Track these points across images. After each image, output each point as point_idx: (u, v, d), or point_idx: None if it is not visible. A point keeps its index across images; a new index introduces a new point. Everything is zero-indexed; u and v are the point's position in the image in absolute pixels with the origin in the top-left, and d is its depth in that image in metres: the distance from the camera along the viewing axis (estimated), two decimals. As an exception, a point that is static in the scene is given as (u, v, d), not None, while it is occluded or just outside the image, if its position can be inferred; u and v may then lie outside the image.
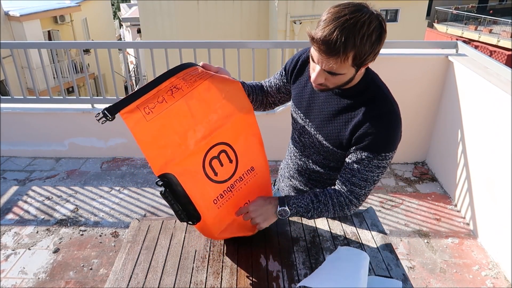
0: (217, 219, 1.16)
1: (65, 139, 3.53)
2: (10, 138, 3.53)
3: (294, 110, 1.30)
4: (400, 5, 12.44)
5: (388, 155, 1.11)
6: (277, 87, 1.36)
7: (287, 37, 9.75)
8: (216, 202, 1.14)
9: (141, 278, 1.14)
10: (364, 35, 0.95)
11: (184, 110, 1.04)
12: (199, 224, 1.15)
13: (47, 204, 2.94)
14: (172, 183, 1.06)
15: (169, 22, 10.28)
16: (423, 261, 2.44)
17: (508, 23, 17.82)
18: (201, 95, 1.06)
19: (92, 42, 4.60)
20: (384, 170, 1.14)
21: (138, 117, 0.99)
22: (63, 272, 2.33)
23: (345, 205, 1.16)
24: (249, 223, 1.21)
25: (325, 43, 0.95)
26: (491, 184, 2.52)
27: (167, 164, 1.04)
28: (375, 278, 1.12)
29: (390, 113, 1.09)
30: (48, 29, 13.43)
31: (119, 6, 28.04)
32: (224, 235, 1.23)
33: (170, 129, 1.03)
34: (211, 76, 1.09)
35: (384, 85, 1.15)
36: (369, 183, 1.14)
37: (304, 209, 1.16)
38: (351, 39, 0.94)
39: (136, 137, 1.00)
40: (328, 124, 1.17)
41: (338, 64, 0.99)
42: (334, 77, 1.04)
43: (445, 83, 3.16)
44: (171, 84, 1.04)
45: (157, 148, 1.03)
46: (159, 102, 1.01)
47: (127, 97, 1.00)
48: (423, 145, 3.48)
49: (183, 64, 1.09)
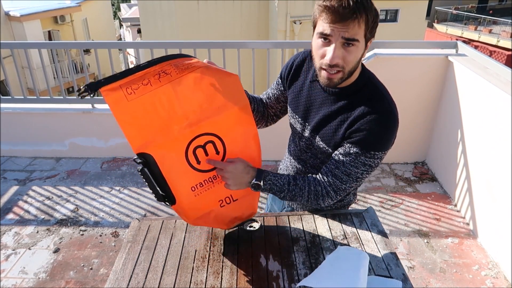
0: (193, 205, 1.16)
1: (65, 139, 3.53)
2: (10, 138, 3.53)
3: (292, 115, 1.29)
4: (400, 5, 12.44)
5: (377, 155, 1.09)
6: (276, 97, 1.35)
7: (287, 37, 9.75)
8: (194, 190, 1.14)
9: (141, 277, 1.14)
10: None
11: (170, 95, 1.03)
12: (174, 206, 1.15)
13: (47, 204, 2.94)
14: (149, 163, 1.06)
15: (169, 22, 10.29)
16: (423, 261, 2.44)
17: (508, 23, 17.82)
18: (190, 83, 1.05)
19: (92, 42, 4.60)
20: (370, 170, 1.12)
21: (119, 96, 0.99)
22: (63, 272, 2.33)
23: (320, 195, 1.16)
24: (227, 217, 1.23)
25: (341, 5, 0.96)
26: (491, 184, 2.52)
27: (146, 144, 1.04)
28: (375, 278, 1.12)
29: (387, 113, 1.09)
30: (48, 29, 13.44)
31: (119, 6, 28.04)
32: (199, 223, 1.23)
33: (152, 112, 1.02)
34: (206, 67, 1.08)
35: (382, 85, 1.15)
36: (351, 178, 1.12)
37: (279, 188, 1.16)
38: (360, 0, 0.98)
39: (115, 115, 1.00)
40: (324, 125, 1.17)
41: (356, 28, 0.99)
42: (350, 52, 1.03)
43: (445, 83, 3.16)
44: (161, 68, 1.03)
45: (137, 129, 1.03)
46: (143, 84, 1.01)
47: (112, 75, 1.00)
48: (423, 145, 3.48)
49: (180, 53, 1.08)
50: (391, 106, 1.10)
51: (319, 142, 1.19)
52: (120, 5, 25.77)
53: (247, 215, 1.29)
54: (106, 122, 3.43)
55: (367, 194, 3.09)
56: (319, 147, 1.20)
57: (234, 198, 1.22)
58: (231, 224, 1.27)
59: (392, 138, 1.11)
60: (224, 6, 10.07)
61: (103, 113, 3.39)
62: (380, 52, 3.06)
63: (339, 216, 1.38)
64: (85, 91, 0.99)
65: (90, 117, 3.41)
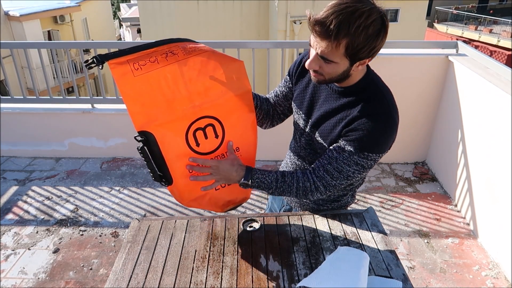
0: (189, 187, 1.17)
1: (65, 139, 3.53)
2: (10, 138, 3.53)
3: (296, 111, 1.30)
4: (400, 5, 12.44)
5: (371, 156, 1.09)
6: (284, 94, 1.35)
7: (287, 37, 9.75)
8: (191, 171, 1.15)
9: (141, 278, 1.14)
10: (360, 26, 0.95)
11: (175, 74, 1.03)
12: (170, 187, 1.16)
13: (47, 204, 2.94)
14: (150, 141, 1.06)
15: (169, 22, 10.29)
16: (423, 261, 2.44)
17: (508, 23, 17.82)
18: (196, 65, 1.05)
19: (92, 42, 4.60)
20: (363, 170, 1.12)
21: (125, 70, 0.99)
22: (63, 272, 2.33)
23: (309, 191, 1.16)
24: (220, 200, 1.24)
25: (319, 23, 0.96)
26: (491, 184, 2.52)
27: (149, 123, 1.04)
28: (375, 278, 1.12)
29: (385, 116, 1.08)
30: (48, 29, 13.43)
31: (119, 6, 28.04)
32: (193, 205, 1.25)
33: (157, 90, 1.03)
34: (213, 51, 1.09)
35: (385, 88, 1.14)
36: (342, 175, 1.12)
37: (267, 185, 1.17)
38: (345, 25, 0.95)
39: (120, 89, 1.00)
40: (324, 121, 1.18)
41: (330, 49, 0.99)
42: (327, 65, 1.04)
43: (445, 83, 3.16)
44: (168, 48, 1.04)
45: (141, 105, 1.03)
46: (151, 62, 1.01)
47: (121, 50, 1.01)
48: (423, 145, 3.48)
49: (187, 38, 1.10)
50: (391, 109, 1.10)
51: (318, 137, 1.20)
52: (120, 5, 25.78)
53: (240, 199, 1.31)
54: (106, 122, 3.43)
55: (367, 194, 3.09)
56: (318, 142, 1.21)
57: None
58: (224, 207, 1.28)
59: (389, 142, 1.10)
60: (224, 6, 10.07)
61: (102, 113, 3.39)
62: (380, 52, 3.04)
63: (339, 216, 1.38)
64: (93, 63, 0.99)
65: (90, 117, 3.41)
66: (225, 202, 1.27)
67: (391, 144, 1.12)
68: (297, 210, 1.44)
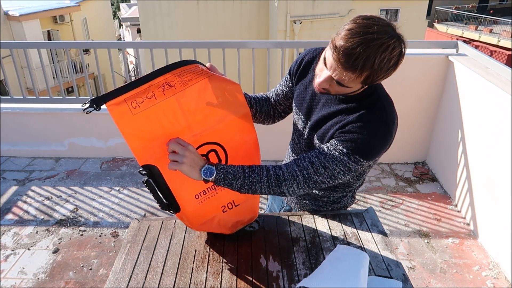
0: (197, 213, 1.18)
1: (65, 139, 3.53)
2: (10, 138, 3.52)
3: (295, 111, 1.30)
4: (400, 5, 12.44)
5: (360, 161, 1.08)
6: (284, 93, 1.34)
7: (287, 37, 9.73)
8: (198, 198, 1.15)
9: (141, 278, 1.14)
10: (384, 59, 0.94)
11: (174, 107, 1.03)
12: (178, 214, 1.16)
13: (47, 204, 2.94)
14: (154, 173, 1.07)
15: (169, 22, 10.27)
16: (423, 261, 2.44)
17: (508, 23, 17.82)
18: (194, 95, 1.05)
19: (92, 42, 4.60)
20: (348, 172, 1.10)
21: (123, 110, 0.99)
22: (63, 272, 2.32)
23: (282, 180, 1.08)
24: (229, 221, 1.23)
25: (347, 55, 0.94)
26: (491, 184, 2.51)
27: (151, 156, 1.05)
28: (375, 278, 1.12)
29: (381, 124, 1.08)
30: (47, 29, 13.42)
31: (119, 6, 28.03)
32: (203, 229, 1.25)
33: (157, 124, 1.03)
34: (209, 76, 1.08)
35: (387, 98, 1.14)
36: (327, 172, 1.08)
37: (233, 175, 1.06)
38: (371, 60, 0.93)
39: (120, 129, 1.00)
40: (322, 125, 1.18)
41: (351, 79, 0.98)
42: (339, 87, 1.04)
43: (445, 83, 3.16)
44: (165, 80, 1.03)
45: (142, 141, 1.03)
46: (148, 98, 1.01)
47: (117, 89, 1.00)
48: (423, 145, 3.48)
49: (183, 60, 1.08)
50: (388, 118, 1.09)
51: (316, 140, 1.20)
52: (120, 5, 25.75)
53: (249, 218, 1.30)
54: (106, 122, 3.43)
55: (367, 194, 3.09)
56: (315, 144, 1.21)
57: (236, 204, 1.23)
58: (233, 228, 1.28)
59: (380, 150, 1.09)
60: (224, 6, 10.05)
61: (102, 113, 3.37)
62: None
63: (339, 216, 1.37)
64: (91, 106, 0.98)
65: (90, 117, 3.41)
66: (233, 223, 1.27)
67: (382, 153, 1.11)
68: (297, 211, 1.43)
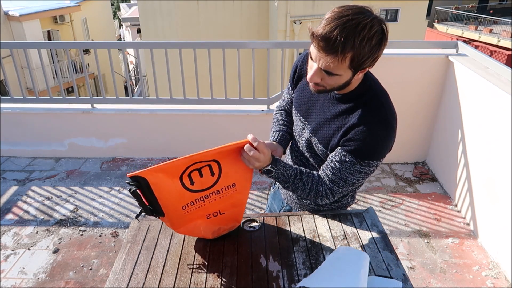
0: (181, 219, 1.18)
1: (65, 139, 3.53)
2: (10, 138, 3.52)
3: (295, 113, 1.31)
4: (400, 5, 12.45)
5: (372, 163, 1.11)
6: (291, 101, 1.38)
7: (287, 37, 9.74)
8: (185, 208, 1.15)
9: (141, 278, 1.14)
10: (364, 38, 0.95)
11: None
12: (162, 218, 1.16)
13: (47, 204, 2.94)
14: (142, 185, 1.06)
15: (169, 22, 10.27)
16: (423, 261, 2.44)
17: (508, 23, 17.83)
18: None
19: (92, 42, 4.60)
20: (366, 176, 1.15)
21: None
22: (63, 272, 2.32)
23: (320, 195, 1.19)
24: (212, 228, 1.23)
25: (325, 39, 0.96)
26: (491, 184, 2.51)
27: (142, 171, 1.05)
28: (375, 278, 1.12)
29: (382, 122, 1.09)
30: (47, 29, 13.42)
31: (119, 6, 28.04)
32: (185, 232, 1.25)
33: None
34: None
35: (383, 92, 1.14)
36: (348, 184, 1.15)
37: (285, 179, 1.17)
38: (350, 39, 0.94)
39: None
40: (323, 127, 1.18)
41: (336, 63, 0.99)
42: (330, 77, 1.04)
43: (445, 83, 3.16)
44: None
45: None
46: None
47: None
48: (423, 145, 3.48)
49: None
50: (388, 114, 1.10)
51: (317, 144, 1.21)
52: (120, 5, 25.76)
53: (231, 226, 1.29)
54: (106, 122, 3.43)
55: (367, 194, 3.09)
56: (317, 148, 1.22)
57: (222, 212, 1.22)
58: (215, 234, 1.27)
59: (388, 147, 1.12)
60: (224, 6, 10.06)
61: (102, 113, 3.39)
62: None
63: (339, 216, 1.38)
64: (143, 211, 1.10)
65: (90, 117, 3.41)
66: (215, 230, 1.26)
67: (391, 147, 1.13)
68: (297, 211, 1.43)
